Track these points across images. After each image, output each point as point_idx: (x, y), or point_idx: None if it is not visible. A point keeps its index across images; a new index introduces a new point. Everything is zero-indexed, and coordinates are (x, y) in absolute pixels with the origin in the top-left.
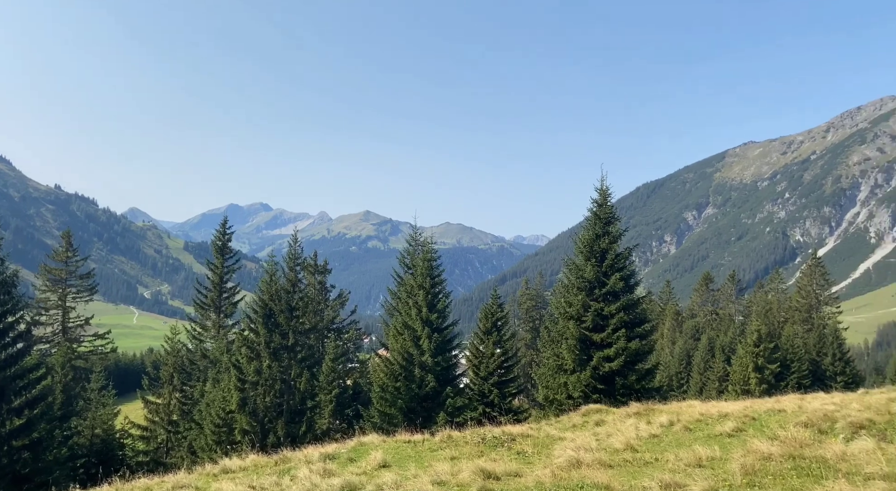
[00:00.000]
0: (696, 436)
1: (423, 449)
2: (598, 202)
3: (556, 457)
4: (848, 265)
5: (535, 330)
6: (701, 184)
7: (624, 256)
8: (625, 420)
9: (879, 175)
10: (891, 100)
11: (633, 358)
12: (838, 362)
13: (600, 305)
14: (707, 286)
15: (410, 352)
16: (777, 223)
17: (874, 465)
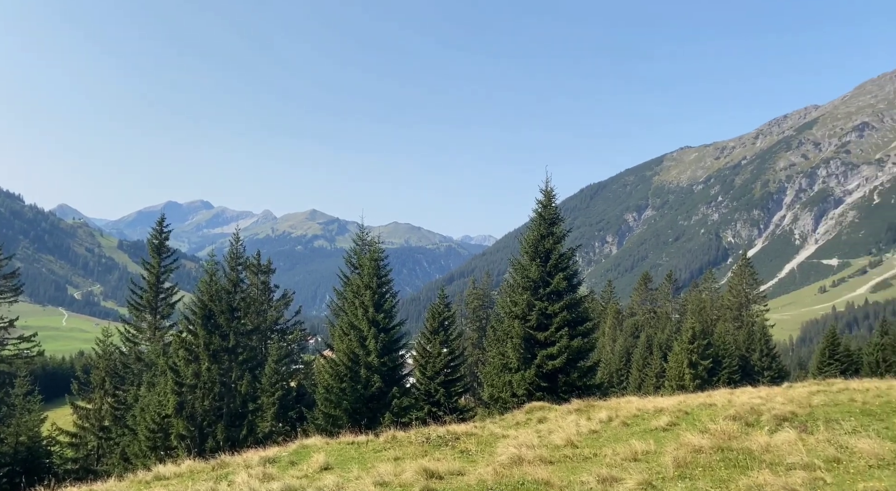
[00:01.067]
0: (633, 431)
1: (367, 450)
2: (542, 203)
3: (499, 455)
4: (775, 265)
5: (481, 329)
6: (641, 186)
7: (567, 256)
8: (566, 417)
9: (803, 180)
10: (814, 109)
11: (575, 356)
12: (765, 358)
13: (544, 304)
14: (646, 286)
15: (356, 352)
16: (711, 225)
17: (795, 455)
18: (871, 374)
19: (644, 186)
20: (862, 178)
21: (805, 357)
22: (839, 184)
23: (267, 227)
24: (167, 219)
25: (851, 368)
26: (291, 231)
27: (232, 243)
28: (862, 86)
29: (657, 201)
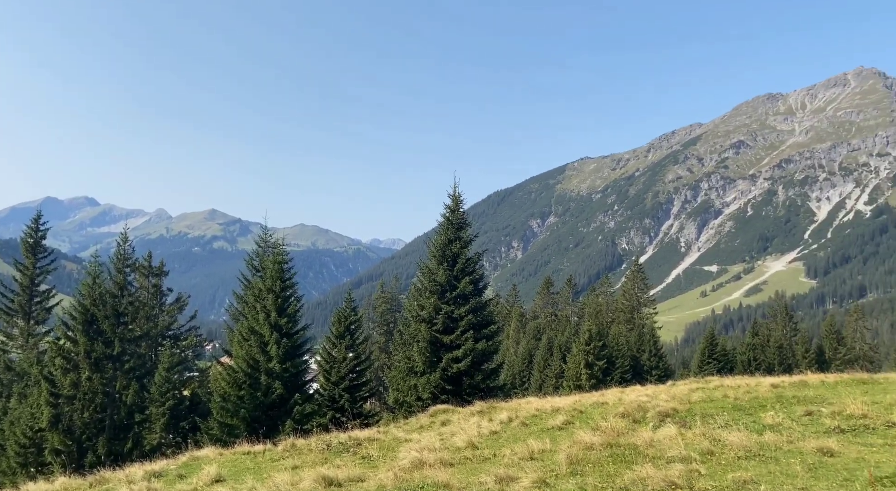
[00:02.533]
0: (531, 430)
1: (264, 460)
2: (450, 208)
3: (401, 459)
4: (663, 271)
5: (389, 333)
6: (545, 194)
7: (474, 260)
8: (469, 419)
9: (688, 192)
10: (698, 126)
11: (479, 358)
12: (654, 358)
13: (451, 307)
14: (548, 290)
15: (257, 358)
16: (607, 232)
17: (675, 449)
18: (743, 371)
19: (547, 194)
20: (738, 191)
21: (688, 356)
22: (719, 196)
23: (161, 226)
24: (45, 216)
25: (727, 366)
26: (188, 231)
27: (119, 243)
28: (738, 107)
29: (559, 209)
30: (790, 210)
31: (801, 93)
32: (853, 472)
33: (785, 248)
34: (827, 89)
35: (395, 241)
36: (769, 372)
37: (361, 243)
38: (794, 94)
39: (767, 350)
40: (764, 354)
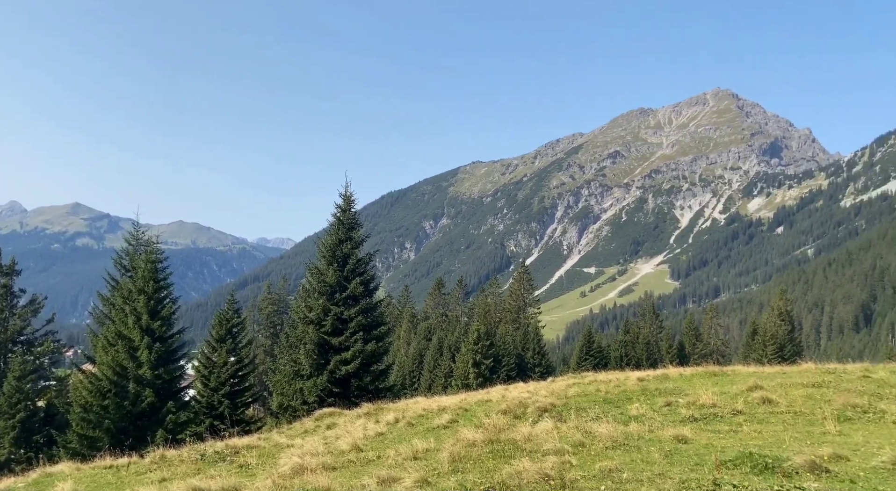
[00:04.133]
0: (417, 430)
1: (129, 474)
2: (341, 208)
3: (282, 465)
4: (547, 272)
5: (275, 336)
6: (438, 196)
7: (365, 261)
8: (355, 421)
9: (571, 198)
10: (580, 136)
11: (369, 360)
12: (537, 355)
13: (340, 309)
14: (440, 291)
15: (125, 365)
16: (497, 235)
17: (550, 442)
18: (616, 366)
19: (441, 196)
20: (614, 198)
21: (568, 354)
22: (597, 202)
23: (14, 221)
24: None
25: (602, 361)
26: (47, 227)
27: None
28: (615, 120)
29: (452, 211)
30: (658, 217)
31: (669, 109)
32: (703, 457)
33: (653, 251)
34: (690, 107)
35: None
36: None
37: (247, 242)
38: (663, 110)
39: (637, 346)
40: (634, 350)
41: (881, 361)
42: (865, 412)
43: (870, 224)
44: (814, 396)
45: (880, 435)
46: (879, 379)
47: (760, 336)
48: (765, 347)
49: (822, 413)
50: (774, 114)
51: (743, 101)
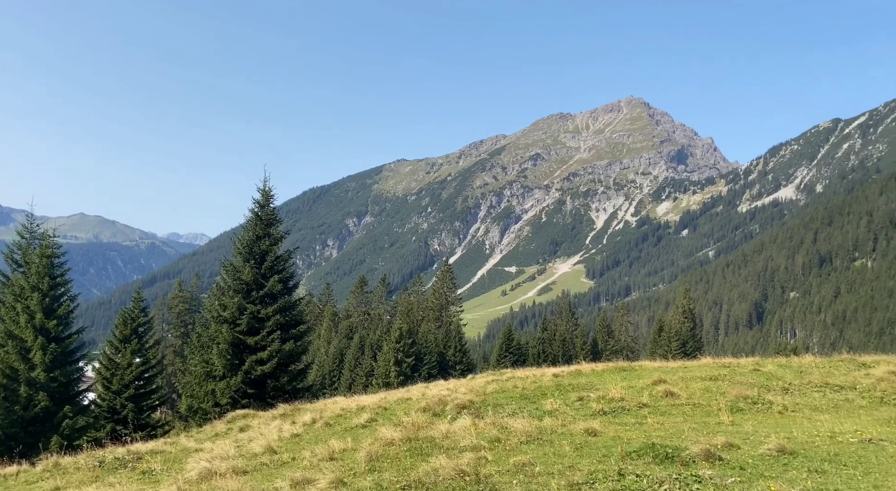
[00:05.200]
0: (334, 430)
1: (17, 483)
2: (260, 203)
3: (189, 471)
4: (470, 271)
5: (186, 336)
6: (361, 193)
7: (284, 258)
8: (270, 423)
9: (493, 198)
10: (503, 138)
11: (287, 359)
12: (458, 353)
13: (257, 307)
14: (362, 289)
15: (15, 367)
16: (421, 233)
17: (468, 439)
18: (534, 363)
19: (364, 193)
20: (535, 199)
21: (489, 351)
22: (519, 203)
23: None
24: None
25: (521, 358)
26: None
27: None
28: (536, 123)
29: (376, 208)
30: (575, 218)
31: (586, 115)
32: (610, 448)
33: (571, 251)
34: (605, 114)
35: (197, 235)
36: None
37: (157, 237)
38: (581, 116)
39: (554, 343)
40: (551, 347)
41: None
42: (755, 403)
43: (763, 228)
44: (711, 389)
45: (767, 424)
46: (768, 372)
47: (666, 333)
48: (670, 343)
49: (717, 405)
50: (681, 123)
51: (654, 110)
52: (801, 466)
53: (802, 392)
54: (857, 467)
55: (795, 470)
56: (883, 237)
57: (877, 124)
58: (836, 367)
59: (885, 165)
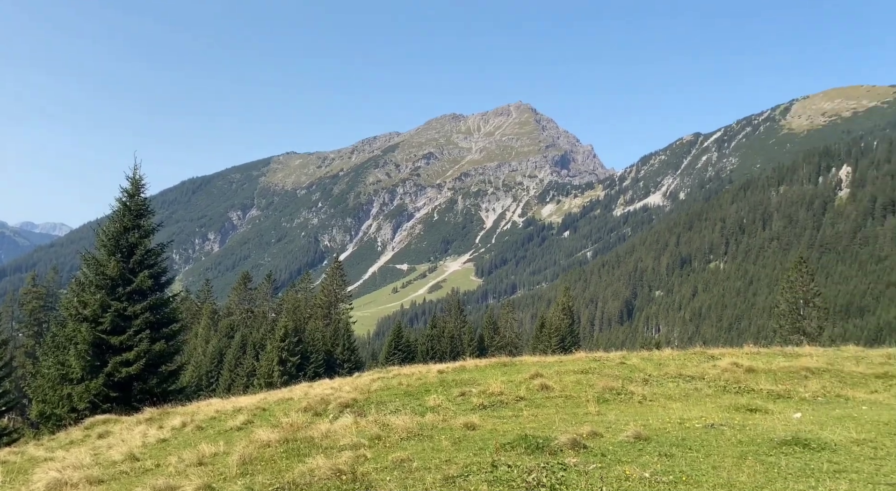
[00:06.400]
0: (206, 434)
1: None
2: (129, 192)
3: (35, 482)
4: (361, 268)
5: (39, 335)
6: (247, 185)
7: (156, 252)
8: (134, 428)
9: (386, 195)
10: (396, 135)
11: (156, 360)
12: (347, 351)
13: (123, 304)
14: (245, 285)
15: None
16: (311, 229)
17: (348, 437)
18: (422, 360)
19: (251, 186)
20: (427, 198)
21: (378, 349)
22: (412, 201)
23: None
24: None
25: (410, 355)
26: None
27: None
28: (430, 122)
29: (263, 202)
30: (466, 217)
31: (477, 117)
32: (487, 441)
33: (461, 250)
34: (496, 117)
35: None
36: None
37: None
38: (473, 118)
39: (443, 340)
40: (440, 344)
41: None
42: (619, 394)
43: (634, 231)
44: (582, 382)
45: (628, 413)
46: (632, 365)
47: (547, 329)
48: (550, 339)
49: (586, 396)
50: (565, 130)
51: (540, 116)
52: (654, 450)
53: (660, 383)
54: (700, 450)
55: (648, 455)
56: (733, 241)
57: (730, 140)
58: (689, 359)
59: (736, 177)
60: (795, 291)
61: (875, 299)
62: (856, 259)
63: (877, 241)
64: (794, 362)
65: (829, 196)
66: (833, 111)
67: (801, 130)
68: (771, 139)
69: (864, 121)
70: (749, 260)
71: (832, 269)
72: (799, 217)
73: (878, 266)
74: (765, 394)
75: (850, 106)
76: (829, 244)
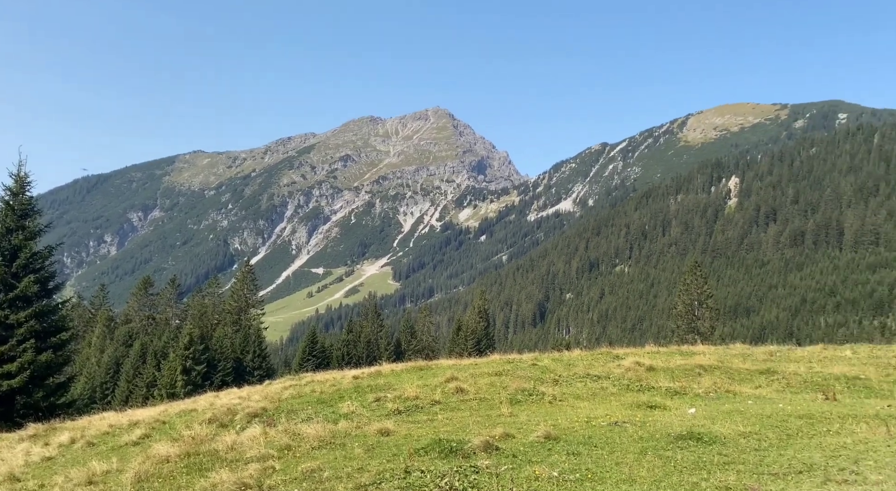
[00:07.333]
0: (98, 450)
1: None
2: (12, 191)
3: None
4: (274, 272)
5: None
6: (149, 185)
7: (44, 255)
8: (16, 446)
9: (301, 197)
10: (312, 136)
11: (43, 372)
12: (258, 358)
13: (5, 312)
14: (146, 290)
15: None
16: (220, 231)
17: (255, 449)
18: (337, 365)
19: (153, 185)
20: (344, 200)
21: (291, 355)
22: (328, 204)
23: None
24: None
25: (325, 361)
26: None
27: None
28: (347, 124)
29: (167, 202)
30: (384, 221)
31: (395, 121)
32: (401, 447)
33: (379, 253)
34: (414, 121)
35: None
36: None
37: None
38: (391, 121)
39: (359, 345)
40: (356, 349)
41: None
42: (531, 395)
43: (547, 236)
44: (496, 384)
45: (539, 413)
46: (543, 366)
47: (463, 332)
48: (466, 342)
49: (500, 398)
50: (482, 136)
51: (457, 122)
52: (562, 449)
53: (569, 383)
54: (604, 448)
55: (557, 454)
56: (637, 246)
57: (634, 150)
58: (596, 359)
59: (639, 185)
60: (691, 294)
61: (759, 301)
62: (742, 263)
63: (760, 247)
64: (690, 360)
65: (720, 205)
66: (723, 126)
67: (697, 143)
68: (670, 150)
69: (750, 135)
70: (651, 264)
71: (722, 272)
72: (694, 224)
73: (761, 270)
74: (663, 391)
75: (738, 122)
76: (720, 249)
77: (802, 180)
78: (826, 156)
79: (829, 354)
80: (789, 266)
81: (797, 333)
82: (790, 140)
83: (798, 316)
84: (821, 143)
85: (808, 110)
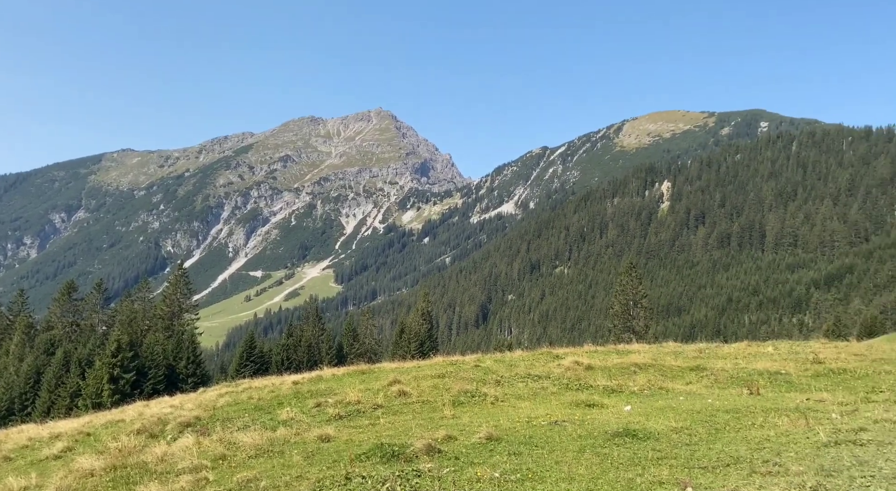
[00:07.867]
0: (16, 465)
1: None
2: None
3: None
4: (210, 275)
5: None
6: (73, 184)
7: None
8: None
9: (239, 198)
10: (250, 136)
11: None
12: (192, 365)
13: None
14: (70, 295)
15: None
16: (151, 233)
17: (188, 460)
18: (277, 371)
19: (77, 185)
20: (284, 202)
21: (228, 361)
22: (267, 205)
23: None
24: None
25: (264, 367)
26: None
27: None
28: (287, 124)
29: (92, 203)
30: (326, 223)
31: (337, 121)
32: (342, 453)
33: (320, 256)
34: (356, 122)
35: None
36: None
37: None
38: (332, 122)
39: (299, 349)
40: (296, 353)
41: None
42: (473, 396)
43: (489, 238)
44: (439, 386)
45: (482, 415)
46: (486, 367)
47: (407, 334)
48: (409, 344)
49: (443, 400)
50: (425, 138)
51: (400, 123)
52: (504, 450)
53: (511, 383)
54: (545, 447)
55: (499, 454)
56: (576, 248)
57: (573, 154)
58: (537, 359)
59: (578, 188)
60: (627, 294)
61: (689, 300)
62: (674, 264)
63: (690, 248)
64: (625, 359)
65: (654, 208)
66: (657, 132)
67: (632, 148)
68: (607, 155)
69: (681, 141)
70: (589, 265)
71: (656, 273)
72: (630, 226)
73: (691, 271)
74: (601, 389)
75: (670, 128)
76: (654, 251)
77: (728, 185)
78: (749, 162)
79: (753, 350)
80: (717, 267)
81: (724, 331)
82: (717, 146)
83: (725, 314)
84: (744, 150)
85: (734, 118)
